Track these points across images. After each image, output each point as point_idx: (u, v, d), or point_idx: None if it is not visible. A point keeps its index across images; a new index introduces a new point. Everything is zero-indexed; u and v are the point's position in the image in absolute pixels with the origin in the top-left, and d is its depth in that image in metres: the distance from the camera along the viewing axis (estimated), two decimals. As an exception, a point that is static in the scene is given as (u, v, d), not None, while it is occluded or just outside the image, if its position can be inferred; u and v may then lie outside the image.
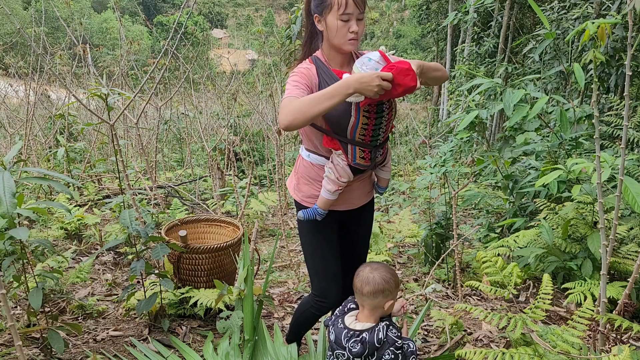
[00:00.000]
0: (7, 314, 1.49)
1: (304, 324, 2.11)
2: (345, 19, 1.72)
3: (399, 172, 8.09)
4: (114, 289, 3.03)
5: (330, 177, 1.87)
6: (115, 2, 5.18)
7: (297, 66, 1.85)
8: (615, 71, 4.98)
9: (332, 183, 1.87)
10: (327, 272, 1.95)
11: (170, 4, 57.54)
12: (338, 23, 1.73)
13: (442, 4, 17.69)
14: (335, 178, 1.86)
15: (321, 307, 1.97)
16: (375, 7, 56.58)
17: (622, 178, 1.87)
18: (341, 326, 1.66)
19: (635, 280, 1.83)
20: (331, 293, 1.95)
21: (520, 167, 3.76)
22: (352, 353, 1.58)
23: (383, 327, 1.60)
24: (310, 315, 2.03)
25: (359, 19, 1.74)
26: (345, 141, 1.79)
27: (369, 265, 1.69)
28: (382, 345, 1.57)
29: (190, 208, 4.94)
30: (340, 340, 1.62)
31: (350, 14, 1.71)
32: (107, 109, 2.40)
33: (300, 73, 1.78)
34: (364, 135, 1.79)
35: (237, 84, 7.89)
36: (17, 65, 7.10)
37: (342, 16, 1.72)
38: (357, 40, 1.77)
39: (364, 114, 1.74)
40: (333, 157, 1.87)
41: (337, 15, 1.72)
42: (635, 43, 1.85)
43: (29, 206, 1.91)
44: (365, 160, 1.84)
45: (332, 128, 1.80)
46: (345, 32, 1.74)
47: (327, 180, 1.88)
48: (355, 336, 1.60)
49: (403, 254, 4.25)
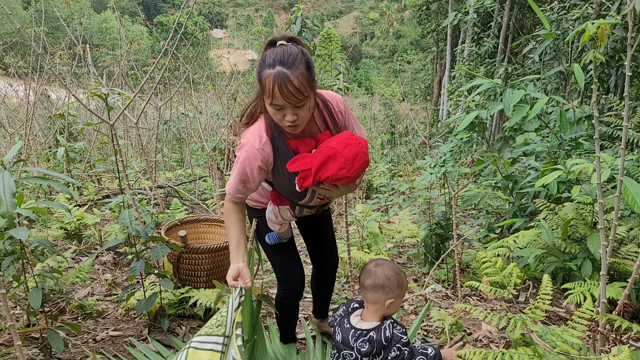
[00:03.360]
0: (6, 314, 1.49)
1: (285, 317, 2.19)
2: (278, 109, 1.52)
3: (399, 173, 8.09)
4: (113, 289, 3.02)
5: (272, 220, 1.93)
6: (115, 2, 5.18)
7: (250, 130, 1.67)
8: (615, 72, 4.98)
9: (275, 224, 1.94)
10: (290, 266, 2.08)
11: (170, 4, 57.55)
12: (271, 109, 1.54)
13: (442, 4, 17.69)
14: (278, 221, 1.92)
15: (286, 294, 2.09)
16: (375, 8, 56.59)
17: (622, 178, 1.87)
18: (348, 326, 1.66)
19: (634, 281, 1.83)
20: (294, 279, 2.07)
21: (520, 167, 3.76)
22: (360, 353, 1.58)
23: (389, 325, 1.61)
24: (285, 305, 2.13)
25: (297, 107, 1.51)
26: (295, 204, 1.84)
27: (376, 260, 1.71)
28: (389, 343, 1.58)
29: (190, 208, 4.94)
30: (347, 340, 1.62)
31: (279, 105, 1.50)
32: (107, 109, 2.40)
33: (253, 159, 1.63)
34: (315, 205, 1.85)
35: (237, 84, 7.88)
36: (17, 65, 7.10)
37: (272, 106, 1.52)
38: (296, 126, 1.57)
39: (318, 196, 1.78)
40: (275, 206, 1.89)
41: (268, 103, 1.53)
42: (635, 44, 1.85)
43: (29, 206, 1.91)
44: (312, 210, 1.92)
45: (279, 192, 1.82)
46: (280, 118, 1.55)
47: (270, 223, 1.95)
48: (363, 335, 1.60)
49: (403, 254, 4.26)
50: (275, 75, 1.45)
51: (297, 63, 1.47)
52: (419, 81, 27.10)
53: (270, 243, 2.00)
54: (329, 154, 1.56)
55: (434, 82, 22.19)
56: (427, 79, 25.93)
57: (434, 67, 22.44)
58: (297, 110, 1.52)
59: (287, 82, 1.44)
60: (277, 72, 1.45)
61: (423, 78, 26.93)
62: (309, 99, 1.53)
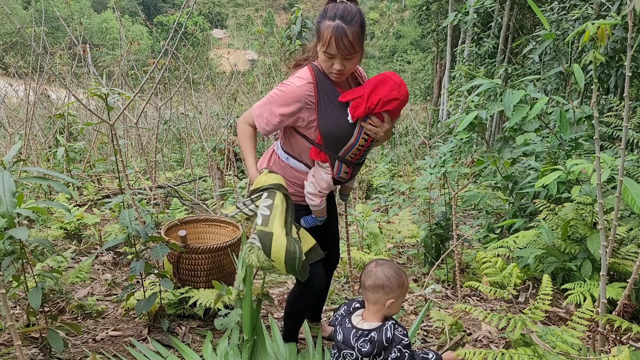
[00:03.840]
0: (6, 314, 1.49)
1: (297, 314, 2.16)
2: (329, 57, 1.70)
3: (399, 173, 8.09)
4: (113, 289, 3.02)
5: (312, 192, 1.94)
6: (115, 2, 5.18)
7: (296, 74, 1.82)
8: (615, 72, 4.98)
9: (315, 197, 1.95)
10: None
11: (170, 4, 57.55)
12: (323, 56, 1.71)
13: (442, 4, 17.69)
14: (317, 191, 1.93)
15: (307, 291, 2.04)
16: (376, 8, 56.61)
17: (622, 179, 1.87)
18: (349, 326, 1.66)
19: (634, 281, 1.84)
20: (319, 272, 2.02)
21: (520, 167, 3.76)
22: (361, 353, 1.58)
23: (391, 326, 1.61)
24: (301, 304, 2.09)
25: (346, 59, 1.70)
26: (335, 157, 1.87)
27: (377, 260, 1.71)
28: (390, 344, 1.58)
29: (189, 208, 4.94)
30: (348, 340, 1.62)
31: (331, 54, 1.68)
32: (107, 109, 2.40)
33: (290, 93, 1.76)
34: (354, 155, 1.88)
35: (237, 84, 7.88)
36: (17, 65, 7.10)
37: (325, 54, 1.69)
38: (341, 75, 1.75)
39: (363, 136, 1.83)
40: (315, 170, 1.92)
41: (322, 50, 1.70)
42: (635, 44, 1.85)
43: (29, 206, 1.91)
44: (347, 175, 1.94)
45: (325, 143, 1.84)
46: (329, 66, 1.73)
47: (310, 196, 1.96)
48: (364, 335, 1.60)
49: (403, 255, 4.26)
50: (334, 28, 1.63)
51: (355, 21, 1.64)
52: (419, 81, 27.11)
53: (307, 226, 2.02)
54: (380, 79, 1.77)
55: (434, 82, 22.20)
56: (427, 79, 25.94)
57: (434, 68, 22.44)
58: (345, 62, 1.71)
59: (344, 36, 1.63)
60: (336, 25, 1.63)
61: (423, 78, 26.94)
62: (358, 54, 1.71)
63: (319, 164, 1.90)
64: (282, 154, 1.96)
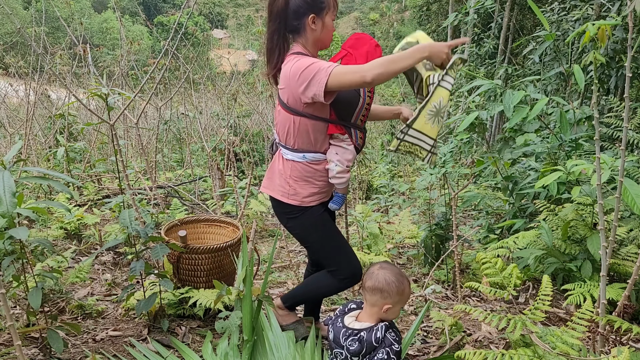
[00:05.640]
0: (6, 314, 1.49)
1: (321, 295, 2.31)
2: (334, 18, 1.96)
3: (399, 173, 8.08)
4: (113, 289, 3.02)
5: (340, 170, 2.01)
6: (115, 2, 5.18)
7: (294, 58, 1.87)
8: (615, 73, 4.98)
9: (343, 173, 2.02)
10: (351, 252, 2.10)
11: (171, 4, 57.55)
12: (331, 23, 1.94)
13: (442, 5, 17.69)
14: (344, 167, 2.01)
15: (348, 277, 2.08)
16: (376, 8, 56.60)
17: (622, 179, 1.87)
18: (340, 325, 1.67)
19: (634, 282, 1.83)
20: (359, 270, 2.09)
21: (520, 168, 3.76)
22: (349, 351, 1.59)
23: (382, 327, 1.60)
24: (334, 289, 2.17)
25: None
26: (349, 125, 1.98)
27: (381, 263, 1.70)
28: (379, 344, 1.57)
29: (190, 208, 4.94)
30: (338, 339, 1.63)
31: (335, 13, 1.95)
32: (107, 109, 2.40)
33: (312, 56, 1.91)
34: (363, 116, 2.01)
35: (237, 85, 7.89)
36: (17, 65, 7.10)
37: (333, 16, 1.94)
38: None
39: (367, 93, 1.97)
40: (336, 149, 2.01)
41: (332, 16, 1.93)
42: (636, 45, 1.86)
43: (29, 206, 1.91)
44: (362, 141, 2.07)
45: (339, 115, 1.95)
46: (331, 30, 1.97)
47: (339, 175, 2.01)
48: (353, 334, 1.60)
49: (402, 255, 4.26)
50: None
51: None
52: (419, 82, 27.03)
53: (338, 207, 2.10)
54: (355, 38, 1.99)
55: (434, 82, 22.13)
56: (427, 79, 25.85)
57: (434, 68, 22.39)
58: None
59: None
60: None
61: (423, 79, 26.85)
62: None
63: (337, 139, 2.00)
64: (297, 155, 1.98)
